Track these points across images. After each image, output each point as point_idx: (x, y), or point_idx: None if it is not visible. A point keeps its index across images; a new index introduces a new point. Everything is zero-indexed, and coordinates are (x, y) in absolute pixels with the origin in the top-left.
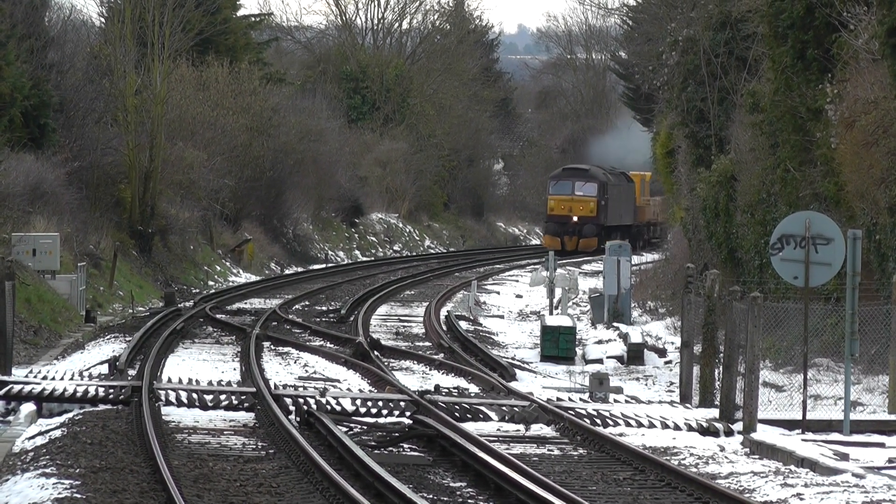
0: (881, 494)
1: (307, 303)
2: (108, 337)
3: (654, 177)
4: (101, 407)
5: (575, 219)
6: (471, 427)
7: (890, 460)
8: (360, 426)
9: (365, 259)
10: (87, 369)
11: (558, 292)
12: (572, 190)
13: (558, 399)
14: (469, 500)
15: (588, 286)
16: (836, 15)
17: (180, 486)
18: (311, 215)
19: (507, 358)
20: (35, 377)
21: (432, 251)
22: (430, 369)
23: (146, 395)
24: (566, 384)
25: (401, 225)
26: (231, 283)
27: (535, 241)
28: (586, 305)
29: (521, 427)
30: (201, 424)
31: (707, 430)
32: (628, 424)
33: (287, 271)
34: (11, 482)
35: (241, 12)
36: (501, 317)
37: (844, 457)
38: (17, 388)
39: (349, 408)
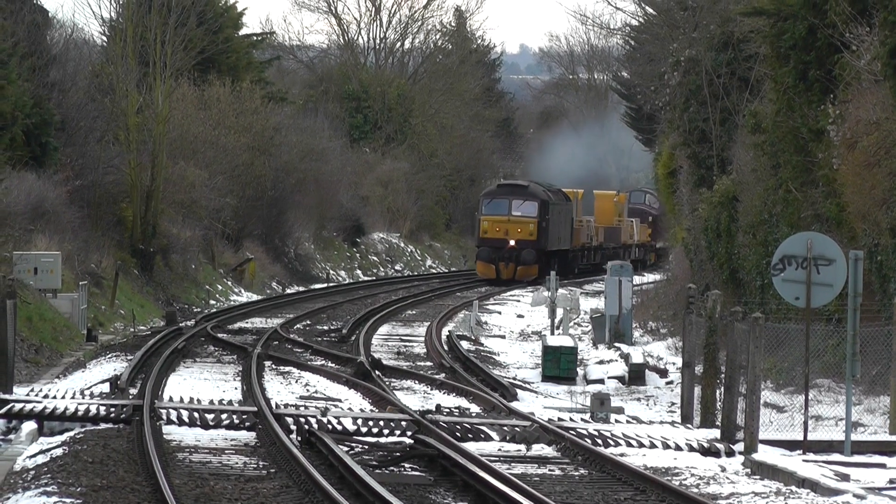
0: None
1: (308, 322)
2: (110, 356)
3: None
4: (103, 426)
5: (512, 243)
6: (472, 447)
7: (891, 481)
8: (361, 446)
9: (366, 279)
10: (88, 388)
11: (560, 312)
12: (509, 209)
13: (559, 419)
14: None
15: (589, 306)
16: (838, 36)
17: None
18: (313, 235)
19: (509, 378)
20: (36, 396)
21: (434, 271)
22: (432, 389)
23: (147, 414)
24: (567, 404)
25: (402, 244)
26: (233, 303)
27: None
28: (588, 325)
29: (523, 447)
30: (202, 443)
31: (708, 451)
32: (629, 445)
33: (288, 291)
34: (13, 501)
35: (243, 31)
36: (503, 337)
37: (845, 477)
38: (18, 406)
39: (350, 427)
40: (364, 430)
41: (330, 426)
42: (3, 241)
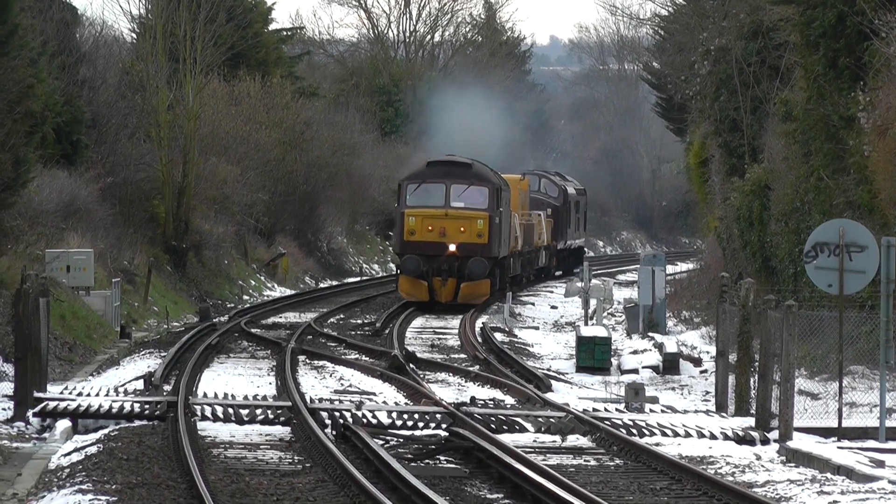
0: None
1: (342, 316)
2: (143, 353)
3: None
4: (137, 423)
5: (452, 248)
6: (507, 439)
7: None
8: (396, 439)
9: None
10: (122, 385)
11: (593, 303)
12: (446, 199)
13: (594, 410)
14: None
15: (623, 296)
16: (867, 23)
17: (217, 501)
18: (346, 229)
19: (543, 369)
20: (70, 393)
21: None
22: (466, 381)
23: (182, 411)
24: (602, 395)
25: None
26: (266, 298)
27: None
28: (621, 316)
29: (558, 438)
30: (237, 439)
31: (743, 439)
32: (664, 434)
33: (322, 285)
34: (48, 499)
35: (272, 26)
36: (537, 328)
37: (880, 464)
38: (52, 404)
39: (385, 421)
40: (399, 423)
41: (365, 420)
42: (36, 239)
